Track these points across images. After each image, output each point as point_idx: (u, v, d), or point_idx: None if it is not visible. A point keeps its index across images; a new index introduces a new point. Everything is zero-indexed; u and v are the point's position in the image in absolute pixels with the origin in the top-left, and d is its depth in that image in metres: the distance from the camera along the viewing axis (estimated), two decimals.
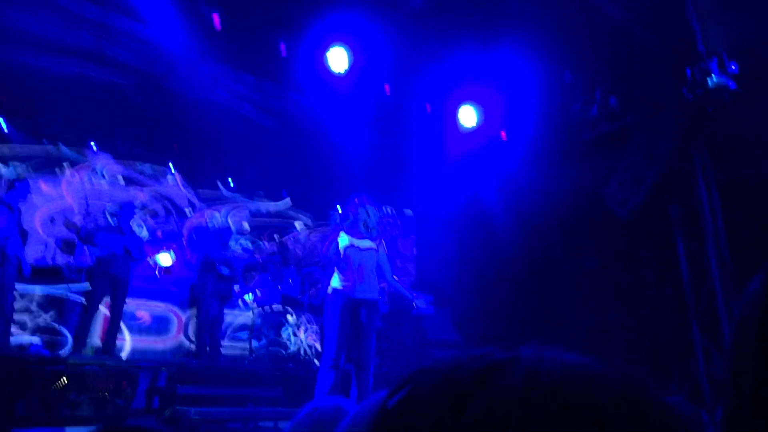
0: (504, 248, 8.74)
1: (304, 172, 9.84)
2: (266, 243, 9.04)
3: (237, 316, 7.24)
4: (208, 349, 6.01)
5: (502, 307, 8.51)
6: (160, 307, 6.68)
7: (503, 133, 7.93)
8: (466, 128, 8.04)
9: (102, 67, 6.77)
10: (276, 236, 9.80)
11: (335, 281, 3.81)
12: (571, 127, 7.66)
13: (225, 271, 6.16)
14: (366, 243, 3.85)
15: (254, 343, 7.00)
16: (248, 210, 10.26)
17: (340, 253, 3.83)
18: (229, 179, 9.92)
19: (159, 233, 7.36)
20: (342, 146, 8.30)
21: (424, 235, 10.71)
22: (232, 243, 6.63)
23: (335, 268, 3.89)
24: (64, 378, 4.70)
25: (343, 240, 3.86)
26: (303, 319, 7.83)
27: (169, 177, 9.56)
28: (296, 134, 8.34)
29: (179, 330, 6.73)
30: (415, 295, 4.04)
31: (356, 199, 3.95)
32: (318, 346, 7.70)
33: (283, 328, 7.57)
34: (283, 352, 7.42)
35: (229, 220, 9.58)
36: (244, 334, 7.16)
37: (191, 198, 9.73)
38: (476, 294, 9.19)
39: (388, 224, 4.20)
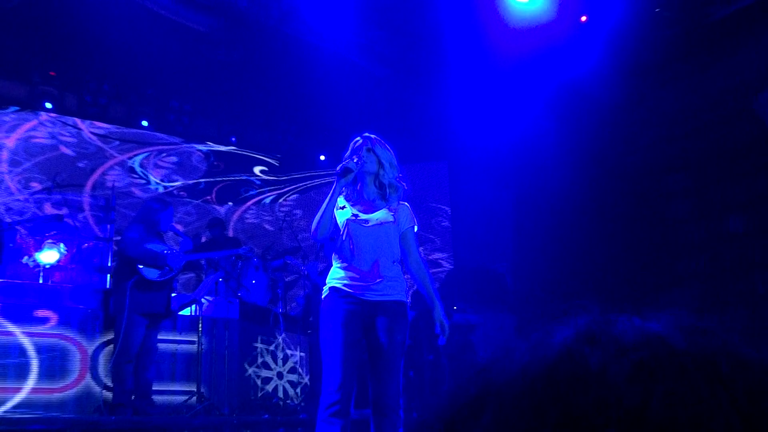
0: (578, 202, 8.68)
1: (269, 104, 9.74)
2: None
3: (176, 344, 7.16)
4: (133, 397, 5.93)
5: (586, 285, 8.48)
6: (50, 333, 6.56)
7: (583, 18, 7.71)
8: (521, 19, 7.82)
9: None
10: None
11: (334, 275, 3.79)
12: (685, 4, 7.45)
13: (153, 274, 6.06)
14: (379, 214, 3.81)
15: (205, 373, 6.98)
16: (176, 157, 10.17)
17: (339, 231, 3.79)
18: (144, 122, 9.80)
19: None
20: (327, 61, 8.14)
21: (459, 195, 10.73)
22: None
23: (333, 254, 3.86)
24: None
25: (343, 210, 3.83)
26: (279, 340, 7.78)
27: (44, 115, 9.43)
28: (252, 42, 8.15)
29: (84, 369, 6.59)
30: (444, 307, 3.94)
31: (361, 141, 3.87)
32: (307, 381, 7.66)
33: (249, 358, 7.48)
34: (250, 389, 7.38)
35: (152, 177, 9.49)
36: (187, 372, 7.10)
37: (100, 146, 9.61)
38: (542, 275, 9.19)
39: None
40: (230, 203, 9.97)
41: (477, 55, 8.58)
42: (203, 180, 10.46)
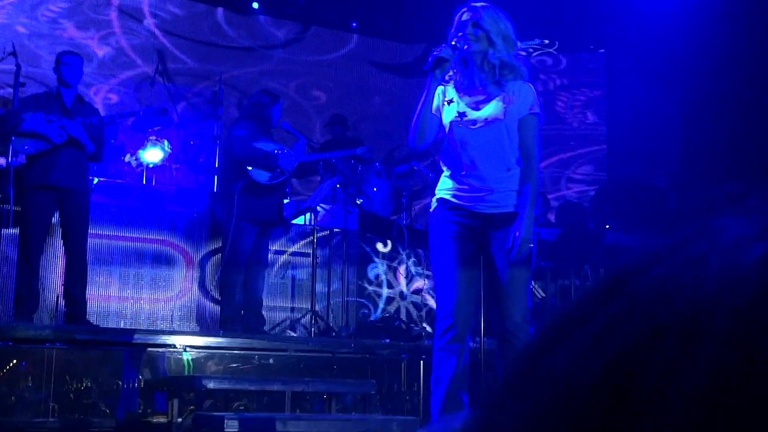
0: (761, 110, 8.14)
1: None
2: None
3: (288, 255, 7.29)
4: (242, 312, 6.11)
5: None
6: (154, 240, 6.77)
7: None
8: None
9: None
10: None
11: (442, 185, 3.77)
12: None
13: (263, 177, 6.13)
14: (490, 108, 3.64)
15: (321, 289, 7.07)
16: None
17: (445, 133, 3.71)
18: (254, 4, 9.80)
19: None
20: None
21: (615, 93, 10.35)
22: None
23: (440, 161, 3.82)
24: (14, 361, 4.94)
25: (450, 106, 3.70)
26: (403, 256, 7.82)
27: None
28: None
29: (189, 279, 6.84)
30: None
31: (465, 13, 3.65)
32: (433, 303, 7.66)
33: (371, 266, 7.56)
34: (370, 307, 7.43)
35: None
36: (300, 288, 7.23)
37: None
38: (713, 196, 8.79)
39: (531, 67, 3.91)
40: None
41: None
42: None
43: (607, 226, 8.62)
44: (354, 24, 10.50)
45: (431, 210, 3.79)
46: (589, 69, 10.86)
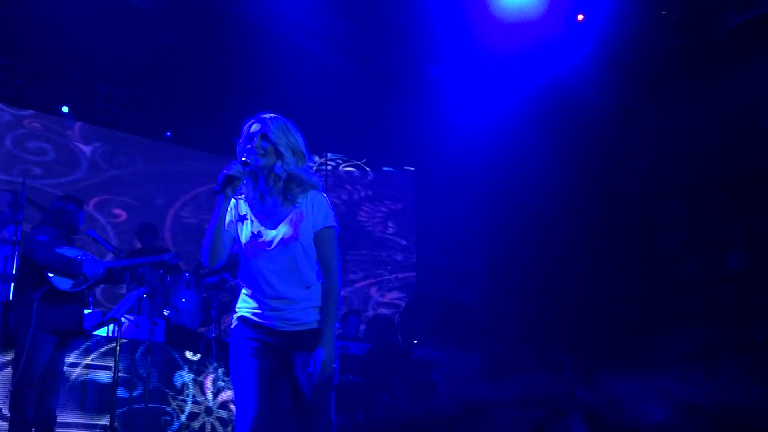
0: (558, 228, 8.71)
1: (218, 100, 9.66)
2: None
3: (87, 368, 7.05)
4: (33, 429, 5.80)
5: (564, 323, 8.50)
6: None
7: (580, 17, 7.77)
8: (508, 14, 7.88)
9: None
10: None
11: (242, 302, 3.65)
12: (695, 14, 7.53)
13: (65, 284, 5.96)
14: (283, 228, 3.58)
15: (122, 393, 6.86)
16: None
17: (241, 250, 3.62)
18: (64, 108, 9.67)
19: None
20: (283, 51, 8.12)
21: (424, 212, 10.74)
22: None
23: (239, 278, 3.71)
24: None
25: (245, 224, 3.63)
26: (210, 370, 7.71)
27: None
28: (200, 29, 8.10)
29: None
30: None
31: (252, 123, 3.60)
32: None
33: (177, 374, 7.39)
34: (173, 415, 7.25)
35: None
36: (99, 403, 6.98)
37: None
38: (515, 310, 9.21)
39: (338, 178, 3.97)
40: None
41: (453, 54, 8.60)
42: None
43: (415, 341, 8.84)
44: (168, 133, 10.51)
45: (232, 327, 3.64)
46: (396, 184, 11.29)
